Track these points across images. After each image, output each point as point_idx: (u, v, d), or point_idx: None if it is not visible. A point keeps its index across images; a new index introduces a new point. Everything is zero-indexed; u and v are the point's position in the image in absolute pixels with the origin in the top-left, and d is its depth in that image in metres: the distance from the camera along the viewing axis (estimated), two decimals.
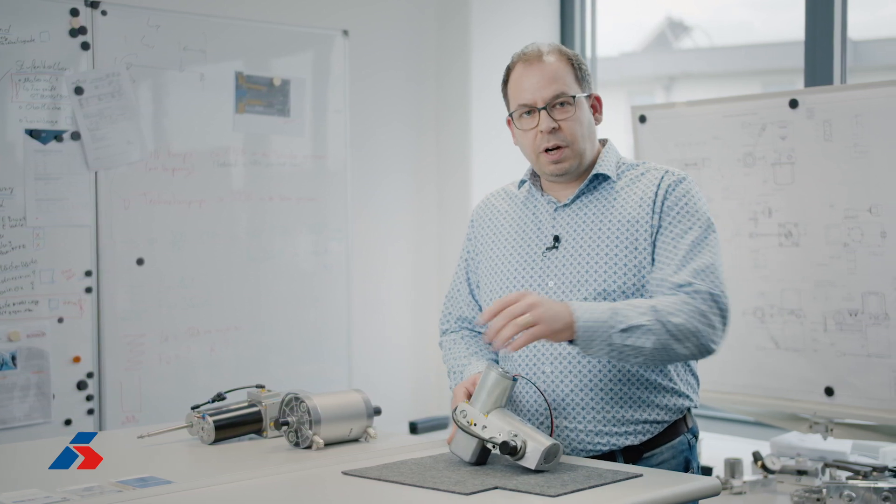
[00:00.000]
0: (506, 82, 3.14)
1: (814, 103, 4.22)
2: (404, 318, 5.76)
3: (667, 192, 2.98)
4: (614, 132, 3.22)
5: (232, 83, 4.85)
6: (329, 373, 5.19)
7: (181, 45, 4.69)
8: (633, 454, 2.96)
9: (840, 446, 4.36)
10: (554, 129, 2.97)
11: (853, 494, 3.67)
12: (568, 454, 2.93)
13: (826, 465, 4.16)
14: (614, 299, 2.91)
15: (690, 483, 2.64)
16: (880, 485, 3.66)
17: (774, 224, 4.33)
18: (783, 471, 4.22)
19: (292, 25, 5.11)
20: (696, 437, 3.09)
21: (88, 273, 4.44)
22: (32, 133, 4.30)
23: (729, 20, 6.21)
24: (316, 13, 5.34)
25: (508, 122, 3.16)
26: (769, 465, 4.24)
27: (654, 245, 2.94)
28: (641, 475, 2.66)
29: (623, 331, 2.75)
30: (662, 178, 3.01)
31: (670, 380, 2.98)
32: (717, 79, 7.00)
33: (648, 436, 2.96)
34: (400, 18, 5.73)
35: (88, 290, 4.44)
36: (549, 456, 2.67)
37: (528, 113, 3.02)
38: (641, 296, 2.93)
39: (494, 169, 5.71)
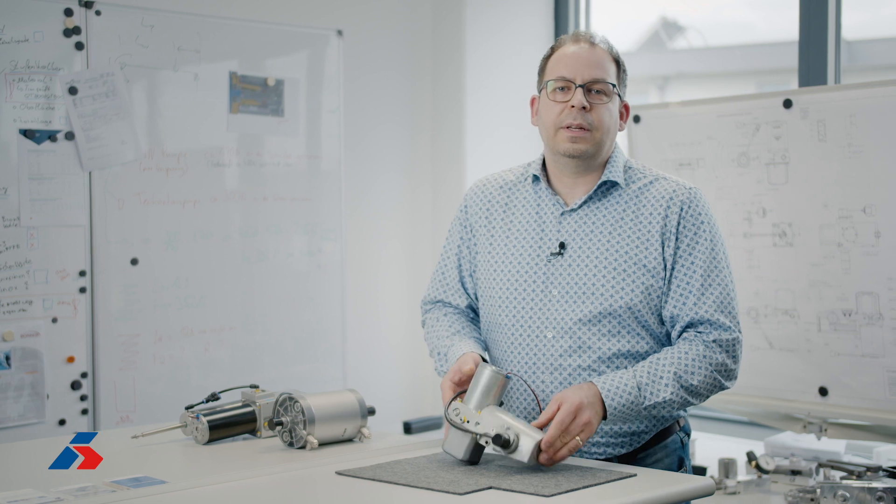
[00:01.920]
0: (547, 57, 3.11)
1: (808, 103, 4.22)
2: (398, 318, 5.76)
3: (681, 213, 2.98)
4: None
5: (226, 83, 4.84)
6: (323, 373, 5.19)
7: (175, 45, 4.68)
8: (627, 457, 2.98)
9: (834, 446, 4.36)
10: (585, 108, 2.96)
11: (847, 494, 3.67)
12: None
13: (820, 465, 4.17)
14: (619, 316, 2.92)
15: (684, 483, 2.64)
16: (874, 485, 3.67)
17: (768, 224, 4.33)
18: (777, 471, 4.22)
19: (286, 25, 5.11)
20: (688, 435, 3.11)
21: (83, 273, 4.44)
22: (26, 133, 4.29)
23: (723, 20, 6.21)
24: (310, 13, 5.33)
25: (533, 100, 3.14)
26: (763, 465, 4.24)
27: (666, 269, 2.96)
28: (635, 475, 2.66)
29: (649, 407, 2.85)
30: (673, 195, 3.00)
31: None
32: (711, 79, 7.00)
33: (642, 443, 2.99)
34: (394, 18, 5.73)
35: (83, 290, 4.44)
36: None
37: (563, 89, 3.00)
38: (645, 316, 2.94)
39: (489, 169, 5.66)
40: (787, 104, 4.27)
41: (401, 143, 5.75)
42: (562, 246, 3.00)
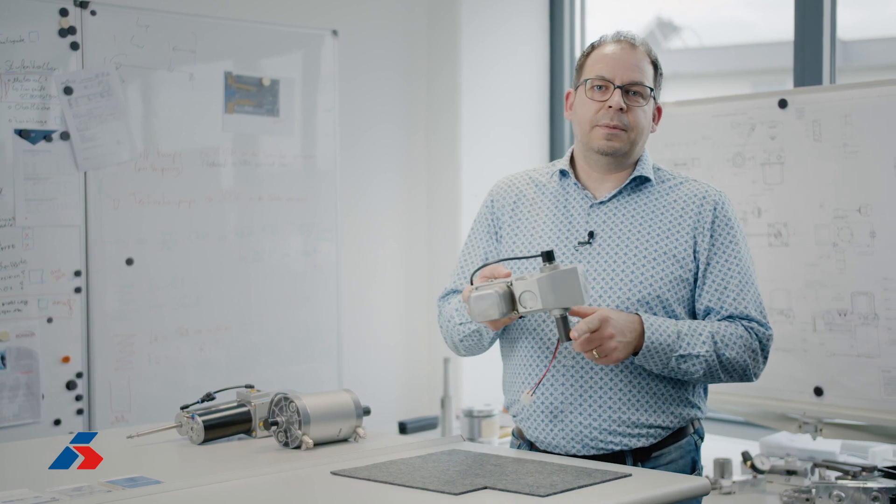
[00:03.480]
0: (587, 54, 3.11)
1: (803, 103, 4.23)
2: (394, 318, 5.76)
3: (714, 211, 3.03)
4: None
5: (221, 83, 4.84)
6: (319, 373, 5.18)
7: (170, 45, 4.68)
8: (642, 454, 2.98)
9: (829, 446, 4.36)
10: (622, 109, 2.99)
11: (842, 494, 3.67)
12: (579, 451, 2.97)
13: (815, 465, 4.16)
14: (647, 304, 2.94)
15: (679, 483, 2.65)
16: (869, 485, 3.67)
17: (764, 224, 4.33)
18: (772, 471, 4.23)
19: (282, 25, 5.11)
20: (701, 438, 3.12)
21: (78, 273, 4.43)
22: (22, 133, 4.29)
23: (719, 20, 6.22)
24: (305, 13, 5.33)
25: (567, 94, 3.15)
26: (758, 465, 4.25)
27: (698, 262, 2.99)
28: (630, 475, 2.67)
29: (681, 356, 2.88)
30: (706, 194, 3.05)
31: (686, 391, 3.02)
32: (706, 79, 7.01)
33: (658, 439, 2.99)
34: (389, 18, 5.73)
35: (78, 290, 4.43)
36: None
37: (601, 87, 3.02)
38: (672, 306, 2.96)
39: (484, 169, 5.71)
40: (783, 104, 4.28)
41: (396, 143, 5.75)
42: (591, 235, 3.01)
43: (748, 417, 4.58)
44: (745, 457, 4.30)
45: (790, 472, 4.20)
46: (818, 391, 4.22)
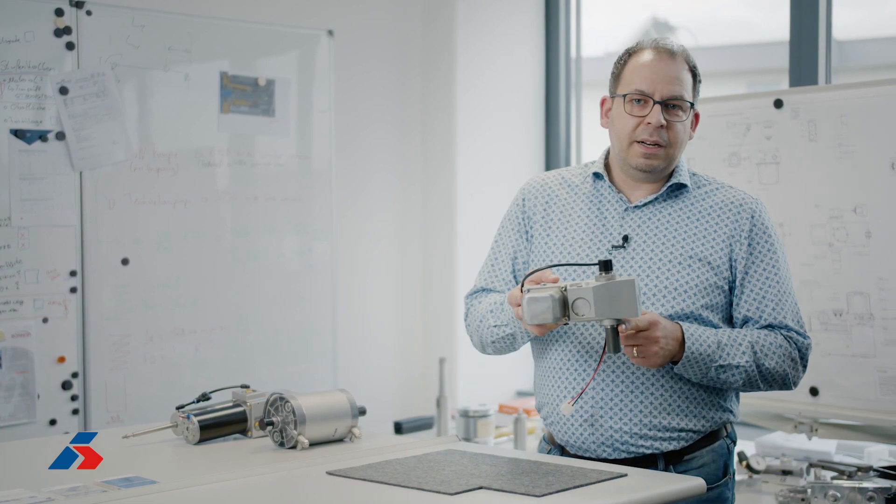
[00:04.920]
0: (624, 62, 3.05)
1: (799, 103, 4.23)
2: (389, 319, 5.76)
3: (752, 220, 3.00)
4: (600, 132, 3.21)
5: (217, 83, 4.84)
6: (314, 373, 5.18)
7: (166, 45, 4.68)
8: (673, 457, 2.97)
9: (825, 446, 4.36)
10: (662, 126, 2.96)
11: (838, 494, 3.67)
12: (610, 454, 2.96)
13: (811, 465, 4.17)
14: (679, 315, 2.91)
15: (675, 483, 2.65)
16: (865, 485, 3.67)
17: None
18: (768, 471, 4.22)
19: (277, 25, 5.11)
20: (734, 441, 3.12)
21: (73, 273, 4.43)
22: (17, 133, 4.29)
23: (715, 20, 6.22)
24: (301, 13, 5.33)
25: (603, 101, 3.10)
26: (754, 465, 4.24)
27: (734, 271, 2.97)
28: (626, 475, 2.66)
29: (720, 367, 2.87)
30: (743, 202, 3.03)
31: (719, 395, 3.01)
32: (701, 78, 7.00)
33: (690, 442, 2.98)
34: (385, 18, 5.73)
35: (73, 290, 4.43)
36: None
37: (639, 101, 2.98)
38: (705, 314, 2.94)
39: (479, 169, 5.71)
40: (778, 104, 4.27)
41: (392, 143, 5.75)
42: (625, 239, 2.99)
43: (744, 417, 4.57)
44: (741, 457, 4.29)
45: (786, 472, 4.19)
46: (814, 391, 4.22)
